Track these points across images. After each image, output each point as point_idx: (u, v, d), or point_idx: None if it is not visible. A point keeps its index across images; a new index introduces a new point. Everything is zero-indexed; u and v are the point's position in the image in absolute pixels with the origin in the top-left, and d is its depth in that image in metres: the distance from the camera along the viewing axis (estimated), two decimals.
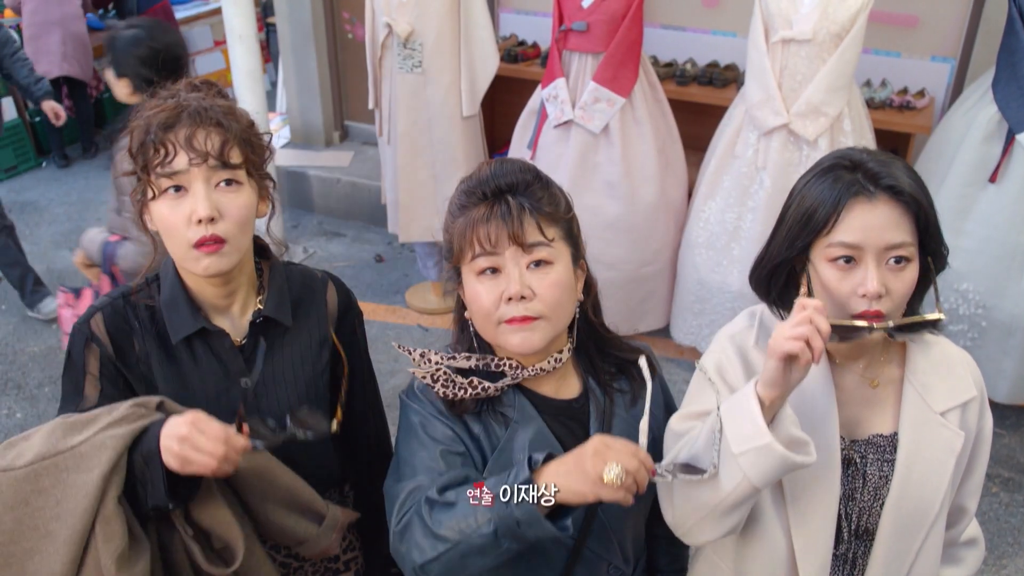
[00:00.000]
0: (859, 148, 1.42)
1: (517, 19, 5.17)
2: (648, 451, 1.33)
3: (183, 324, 1.54)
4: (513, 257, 1.38)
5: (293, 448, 1.54)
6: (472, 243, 1.38)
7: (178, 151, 1.43)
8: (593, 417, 1.52)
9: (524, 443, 1.46)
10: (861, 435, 1.49)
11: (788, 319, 1.28)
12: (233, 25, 4.80)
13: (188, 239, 1.45)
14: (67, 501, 1.31)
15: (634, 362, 1.54)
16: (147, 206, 1.49)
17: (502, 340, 1.42)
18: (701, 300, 4.02)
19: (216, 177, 1.45)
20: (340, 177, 5.57)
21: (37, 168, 6.53)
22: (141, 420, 1.37)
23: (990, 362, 3.59)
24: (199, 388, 1.57)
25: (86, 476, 1.30)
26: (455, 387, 1.45)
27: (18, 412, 3.96)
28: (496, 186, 1.40)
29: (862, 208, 1.34)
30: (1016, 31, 3.32)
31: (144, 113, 1.47)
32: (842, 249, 1.35)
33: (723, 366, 1.51)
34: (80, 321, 1.56)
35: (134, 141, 1.45)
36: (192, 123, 1.44)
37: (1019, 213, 3.41)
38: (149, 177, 1.45)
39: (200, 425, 1.32)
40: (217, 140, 1.45)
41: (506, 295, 1.38)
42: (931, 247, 1.38)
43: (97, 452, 1.32)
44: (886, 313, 1.35)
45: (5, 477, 1.33)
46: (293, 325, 1.62)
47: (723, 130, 3.91)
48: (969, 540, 1.65)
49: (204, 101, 1.47)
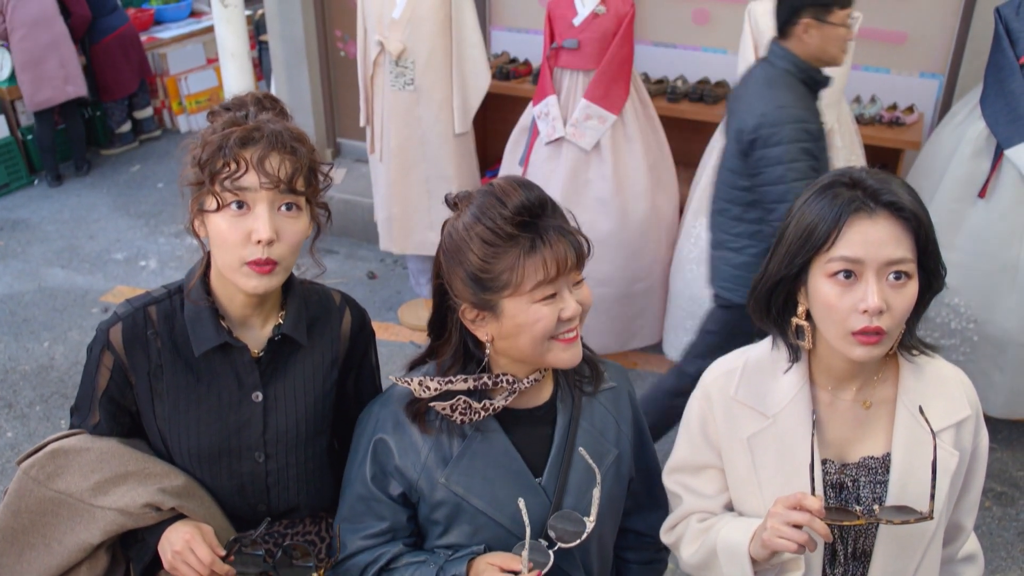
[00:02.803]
0: (857, 167, 1.43)
1: (509, 37, 5.20)
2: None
3: (207, 338, 1.57)
4: (567, 281, 1.42)
5: (290, 475, 1.65)
6: (537, 271, 1.38)
7: (249, 169, 1.45)
8: (559, 423, 1.56)
9: (484, 454, 1.51)
10: (852, 458, 1.49)
11: (786, 508, 1.34)
12: (226, 43, 4.82)
13: (243, 256, 1.47)
14: (68, 538, 1.56)
15: (597, 358, 1.63)
16: (203, 214, 1.51)
17: (551, 357, 1.45)
18: (693, 316, 4.02)
19: (279, 200, 1.48)
20: (332, 194, 5.56)
21: (29, 186, 6.52)
22: (144, 521, 1.57)
23: (982, 376, 3.60)
24: (213, 399, 1.60)
25: (88, 533, 1.56)
26: (471, 412, 1.49)
27: (8, 431, 3.94)
28: (533, 204, 1.40)
29: (863, 223, 1.34)
30: (1003, 48, 3.34)
31: (216, 126, 1.49)
32: (843, 263, 1.35)
33: (706, 420, 1.57)
34: (103, 325, 1.60)
35: (205, 151, 1.46)
36: (268, 145, 1.46)
37: (1009, 228, 3.43)
38: (214, 187, 1.46)
39: (193, 545, 1.50)
40: (289, 167, 1.47)
41: (565, 315, 1.41)
42: (929, 265, 1.39)
43: (105, 524, 1.55)
44: (886, 330, 1.35)
45: (37, 488, 1.57)
46: (307, 344, 1.65)
47: (714, 146, 3.92)
48: (967, 556, 1.64)
49: (278, 124, 1.49)
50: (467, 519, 1.51)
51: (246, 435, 1.61)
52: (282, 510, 1.70)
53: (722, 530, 1.51)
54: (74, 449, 1.59)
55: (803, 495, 1.33)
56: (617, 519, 1.68)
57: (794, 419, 1.47)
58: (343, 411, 1.74)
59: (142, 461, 1.59)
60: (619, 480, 1.62)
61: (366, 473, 1.54)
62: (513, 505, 1.48)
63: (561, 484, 1.52)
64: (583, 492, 1.53)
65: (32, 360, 4.44)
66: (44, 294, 4.99)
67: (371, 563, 1.54)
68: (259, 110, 1.54)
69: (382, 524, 1.55)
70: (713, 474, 1.59)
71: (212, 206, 1.47)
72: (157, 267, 5.31)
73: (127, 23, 6.80)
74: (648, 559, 1.77)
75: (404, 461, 1.52)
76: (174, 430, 1.60)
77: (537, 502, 1.51)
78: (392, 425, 1.54)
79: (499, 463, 1.51)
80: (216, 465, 1.62)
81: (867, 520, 1.35)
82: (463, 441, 1.51)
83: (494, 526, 1.50)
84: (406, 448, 1.52)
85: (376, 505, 1.55)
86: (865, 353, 1.37)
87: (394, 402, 1.55)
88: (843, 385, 1.49)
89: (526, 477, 1.51)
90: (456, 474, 1.50)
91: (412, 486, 1.52)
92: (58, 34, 6.13)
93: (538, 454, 1.54)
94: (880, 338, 1.35)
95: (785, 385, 1.50)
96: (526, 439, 1.54)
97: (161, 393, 1.59)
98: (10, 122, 6.42)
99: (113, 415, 1.63)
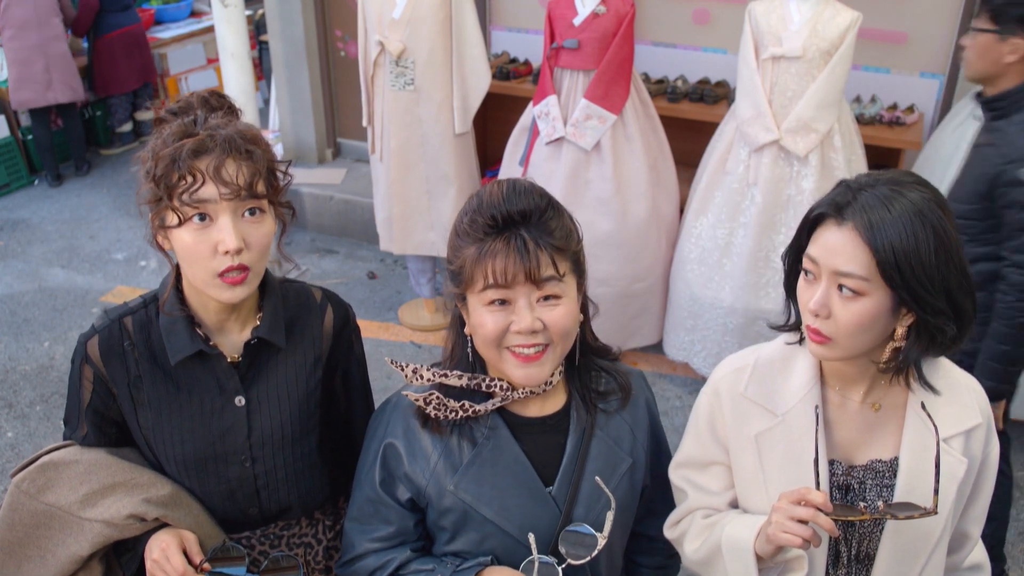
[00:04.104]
0: (878, 177, 1.38)
1: (509, 36, 5.20)
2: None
3: (181, 346, 1.55)
4: (524, 292, 1.37)
5: (279, 477, 1.65)
6: (485, 275, 1.36)
7: (206, 180, 1.41)
8: (572, 432, 1.52)
9: (494, 462, 1.49)
10: (860, 460, 1.49)
11: (790, 503, 1.34)
12: (226, 43, 4.82)
13: (213, 268, 1.45)
14: (60, 550, 1.59)
15: (622, 377, 1.59)
16: (165, 230, 1.47)
17: (506, 369, 1.43)
18: (693, 316, 4.03)
19: (242, 207, 1.45)
20: (333, 194, 5.58)
21: (29, 186, 6.52)
22: (129, 532, 1.58)
23: None
24: (195, 406, 1.59)
25: (78, 545, 1.58)
26: (446, 410, 1.47)
27: (9, 431, 3.94)
28: (509, 214, 1.36)
29: (830, 229, 1.36)
30: None
31: (165, 136, 1.45)
32: (806, 261, 1.39)
33: (714, 416, 1.57)
34: (82, 338, 1.60)
35: (159, 167, 1.43)
36: (223, 153, 1.42)
37: None
38: (173, 203, 1.43)
39: (168, 553, 1.53)
40: (247, 172, 1.44)
41: (515, 328, 1.37)
42: (904, 295, 1.32)
43: (93, 536, 1.57)
44: (827, 335, 1.36)
45: (28, 501, 1.59)
46: (287, 344, 1.63)
47: (714, 146, 3.92)
48: (973, 566, 1.63)
49: (230, 128, 1.45)
50: (475, 527, 1.49)
51: (231, 440, 1.60)
52: (274, 512, 1.69)
53: (727, 527, 1.51)
54: (63, 462, 1.60)
55: (807, 489, 1.34)
56: (628, 527, 1.66)
57: (803, 418, 1.47)
58: (333, 408, 1.73)
59: (129, 471, 1.60)
60: (632, 489, 1.59)
61: (375, 477, 1.54)
62: (522, 515, 1.46)
63: (572, 495, 1.50)
64: (594, 502, 1.51)
65: (32, 360, 4.44)
66: (44, 294, 4.99)
67: (379, 568, 1.54)
68: (207, 112, 1.50)
69: (389, 528, 1.54)
70: (719, 470, 1.59)
71: (174, 221, 1.44)
72: (157, 267, 5.30)
73: (137, 23, 6.82)
74: (660, 564, 1.76)
75: (413, 467, 1.50)
76: (159, 439, 1.60)
77: (547, 512, 1.49)
78: (402, 430, 1.52)
79: (509, 471, 1.48)
80: (203, 471, 1.61)
81: (872, 516, 1.35)
82: (473, 448, 1.48)
83: (502, 535, 1.48)
84: (415, 454, 1.50)
85: (384, 509, 1.54)
86: (816, 350, 1.41)
87: (405, 405, 1.54)
88: (849, 386, 1.49)
89: (536, 486, 1.49)
90: (465, 482, 1.48)
91: (420, 492, 1.50)
92: (49, 38, 6.05)
93: (550, 463, 1.51)
94: (824, 341, 1.37)
95: (795, 384, 1.50)
96: (538, 448, 1.51)
97: (143, 403, 1.59)
98: (10, 122, 6.42)
99: (99, 427, 1.63)
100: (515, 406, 1.52)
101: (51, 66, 6.07)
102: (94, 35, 6.61)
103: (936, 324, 1.34)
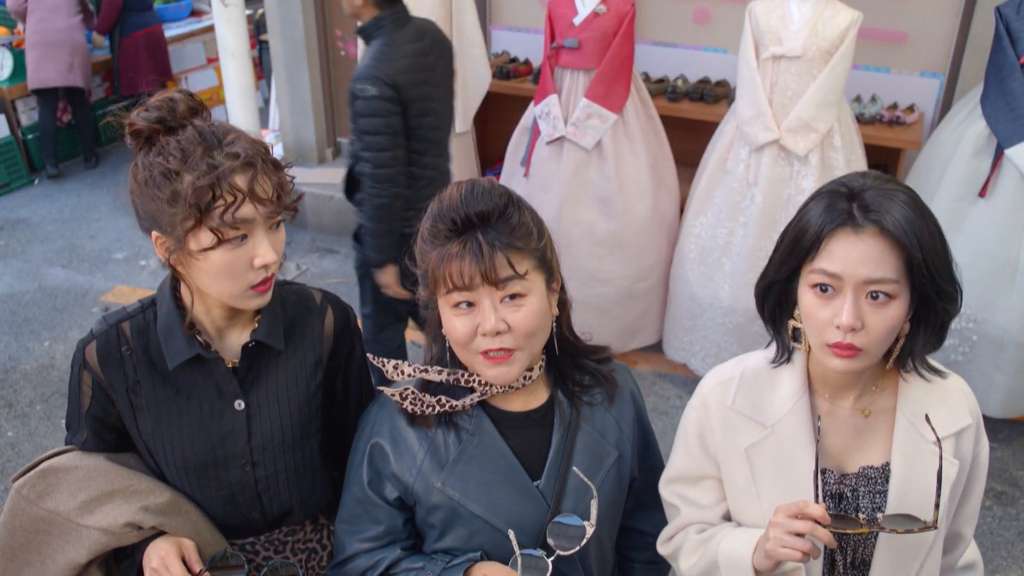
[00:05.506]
0: (868, 174, 1.38)
1: (509, 36, 5.20)
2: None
3: (179, 351, 1.55)
4: (487, 294, 1.37)
5: (280, 481, 1.65)
6: (446, 279, 1.37)
7: (245, 199, 1.40)
8: (557, 426, 1.53)
9: (480, 458, 1.50)
10: (851, 468, 1.48)
11: (788, 517, 1.32)
12: (226, 42, 4.82)
13: (248, 282, 1.47)
14: (59, 556, 1.60)
15: (606, 372, 1.60)
16: (186, 252, 1.44)
17: (478, 370, 1.44)
18: (692, 315, 4.03)
19: (271, 221, 1.47)
20: (333, 194, 5.57)
21: (29, 185, 6.53)
22: (126, 540, 1.59)
23: (982, 376, 3.60)
24: (194, 411, 1.58)
25: (76, 552, 1.59)
26: (423, 405, 1.48)
27: (9, 431, 3.94)
28: (466, 216, 1.36)
29: (847, 238, 1.31)
30: (1003, 47, 3.35)
31: (191, 160, 1.39)
32: (822, 276, 1.33)
33: (703, 430, 1.55)
34: (80, 344, 1.60)
35: (192, 191, 1.38)
36: (254, 170, 1.41)
37: (1009, 227, 3.43)
38: (211, 223, 1.40)
39: (168, 562, 1.53)
40: (270, 186, 1.44)
41: (481, 331, 1.38)
42: (928, 289, 1.31)
43: (90, 543, 1.58)
44: (860, 347, 1.32)
45: (28, 507, 1.60)
46: (287, 347, 1.63)
47: (714, 146, 3.93)
48: (967, 565, 1.63)
49: (250, 144, 1.44)
50: (463, 523, 1.49)
51: (231, 444, 1.60)
52: (277, 515, 1.69)
53: (723, 541, 1.50)
54: (63, 467, 1.60)
55: (805, 503, 1.32)
56: (617, 520, 1.67)
57: (793, 428, 1.46)
58: (335, 411, 1.73)
59: (128, 478, 1.60)
60: (619, 481, 1.59)
61: (363, 477, 1.54)
62: (510, 509, 1.47)
63: (559, 488, 1.51)
64: (582, 495, 1.51)
65: (32, 360, 4.44)
66: (44, 294, 4.99)
67: (369, 568, 1.54)
68: (203, 120, 1.46)
69: (378, 528, 1.55)
70: (711, 484, 1.57)
71: (207, 243, 1.41)
72: (157, 267, 5.30)
73: (159, 24, 6.97)
74: (652, 559, 1.76)
75: (400, 465, 1.51)
76: (159, 444, 1.60)
77: (535, 506, 1.49)
78: (388, 429, 1.53)
79: (496, 467, 1.49)
80: (204, 476, 1.61)
81: (871, 529, 1.34)
82: (459, 445, 1.49)
83: (490, 530, 1.49)
84: (402, 452, 1.51)
85: (372, 509, 1.55)
86: (841, 365, 1.35)
87: (390, 405, 1.55)
88: (840, 393, 1.47)
89: (523, 481, 1.50)
90: (452, 478, 1.48)
91: (408, 490, 1.51)
92: (74, 26, 6.36)
93: (536, 457, 1.52)
94: (855, 353, 1.33)
95: (784, 394, 1.48)
96: (524, 442, 1.52)
97: (142, 408, 1.58)
98: (10, 122, 6.44)
99: (99, 432, 1.63)
100: (499, 401, 1.52)
101: (74, 52, 6.34)
102: (120, 34, 6.73)
103: (945, 309, 1.34)
